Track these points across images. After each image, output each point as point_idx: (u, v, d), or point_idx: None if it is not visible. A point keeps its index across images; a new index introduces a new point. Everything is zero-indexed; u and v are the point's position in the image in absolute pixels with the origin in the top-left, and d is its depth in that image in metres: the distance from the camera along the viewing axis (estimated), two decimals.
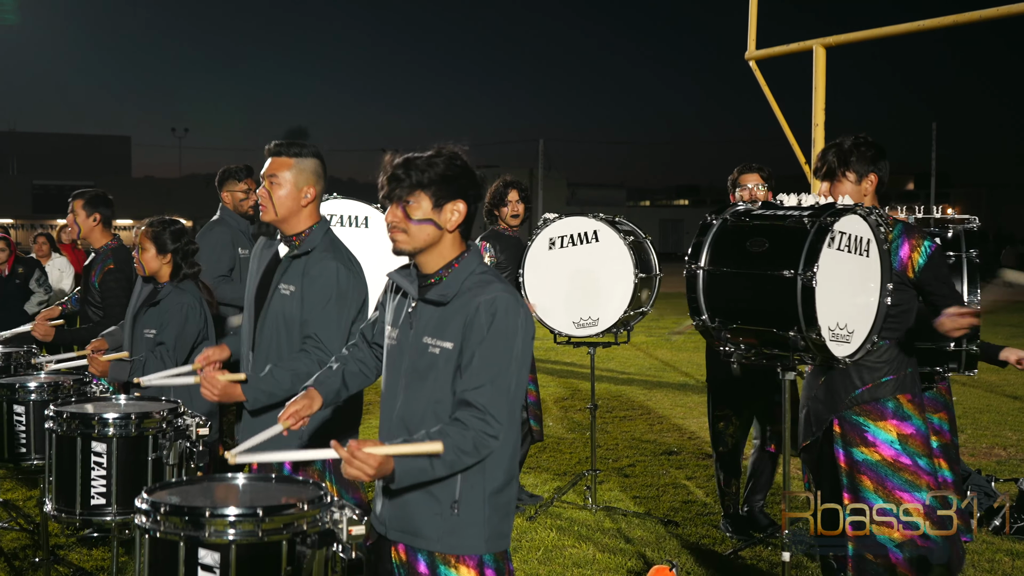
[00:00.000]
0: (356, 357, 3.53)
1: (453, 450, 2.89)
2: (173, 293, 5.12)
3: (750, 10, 9.22)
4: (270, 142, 4.15)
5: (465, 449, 2.91)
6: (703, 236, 4.26)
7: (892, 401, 4.30)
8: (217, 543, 2.68)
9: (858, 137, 4.44)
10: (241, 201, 6.65)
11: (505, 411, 2.97)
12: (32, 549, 5.93)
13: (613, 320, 6.58)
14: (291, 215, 4.07)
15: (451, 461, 2.91)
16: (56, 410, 4.13)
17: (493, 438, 2.95)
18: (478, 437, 2.92)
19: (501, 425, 2.96)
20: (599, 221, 6.66)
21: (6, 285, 10.69)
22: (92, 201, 6.36)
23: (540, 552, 5.99)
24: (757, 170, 6.22)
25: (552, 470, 8.10)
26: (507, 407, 2.99)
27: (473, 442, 2.91)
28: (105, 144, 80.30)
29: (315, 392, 3.41)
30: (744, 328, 4.16)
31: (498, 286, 3.08)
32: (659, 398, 11.83)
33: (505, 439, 3.01)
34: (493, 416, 2.94)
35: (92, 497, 4.02)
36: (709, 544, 6.18)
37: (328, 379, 3.47)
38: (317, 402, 3.40)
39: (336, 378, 3.47)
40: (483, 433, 2.93)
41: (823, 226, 3.90)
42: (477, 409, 2.94)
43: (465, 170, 3.12)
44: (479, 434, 2.92)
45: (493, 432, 2.95)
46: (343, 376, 3.48)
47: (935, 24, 8.15)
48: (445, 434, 2.89)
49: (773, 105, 9.26)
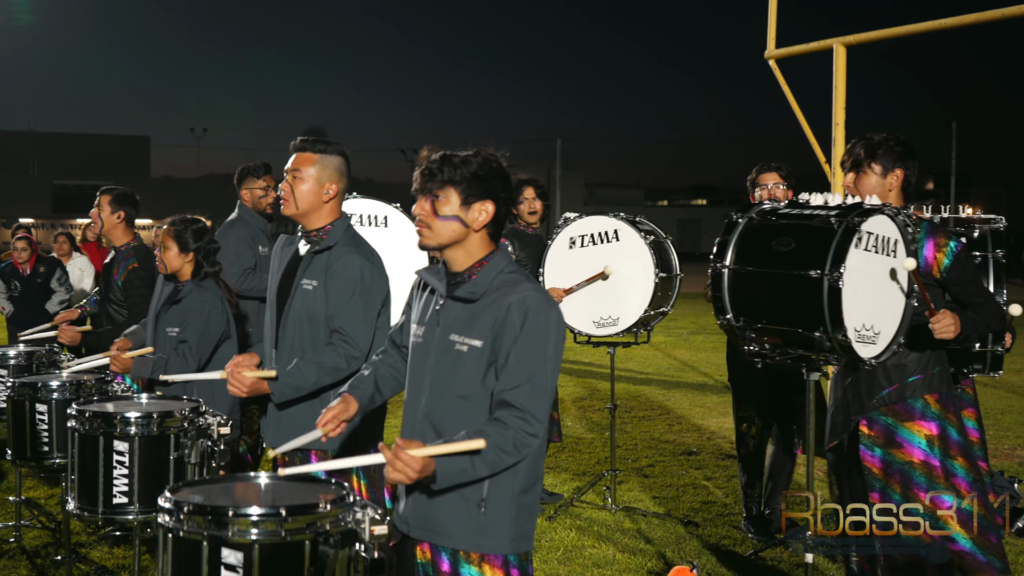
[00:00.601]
0: (387, 363, 3.51)
1: (494, 450, 2.88)
2: (195, 291, 5.13)
3: (770, 9, 9.17)
4: (295, 138, 4.16)
5: (506, 448, 2.91)
6: (728, 235, 4.23)
7: (920, 401, 4.27)
8: (240, 542, 2.67)
9: (889, 134, 4.42)
10: (260, 198, 6.66)
11: (543, 409, 2.99)
12: (54, 547, 5.95)
13: (633, 320, 6.56)
14: (312, 210, 4.07)
15: (492, 461, 2.91)
16: (79, 409, 4.14)
17: (533, 437, 2.95)
18: (518, 436, 2.92)
19: (541, 423, 2.97)
20: (619, 220, 6.63)
21: (28, 284, 10.75)
22: (119, 199, 6.38)
23: (560, 552, 5.97)
24: (776, 169, 6.19)
25: (571, 470, 8.08)
26: (544, 405, 3.00)
27: (513, 441, 2.92)
28: (124, 144, 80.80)
29: (350, 397, 3.39)
30: (769, 328, 4.13)
31: (528, 285, 3.07)
32: (678, 398, 11.79)
33: (542, 438, 3.02)
34: (532, 415, 2.95)
35: (114, 496, 4.03)
36: (729, 545, 6.14)
37: (361, 384, 3.45)
38: (353, 407, 3.38)
39: (369, 383, 3.45)
40: (523, 432, 2.93)
41: (851, 226, 3.86)
42: (516, 408, 2.94)
43: (499, 172, 3.12)
44: (519, 433, 2.92)
45: (533, 431, 2.95)
46: (376, 381, 3.46)
47: (956, 23, 8.07)
48: (485, 434, 2.89)
49: (793, 104, 9.20)
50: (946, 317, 4.02)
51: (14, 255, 10.90)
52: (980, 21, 7.87)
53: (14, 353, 6.32)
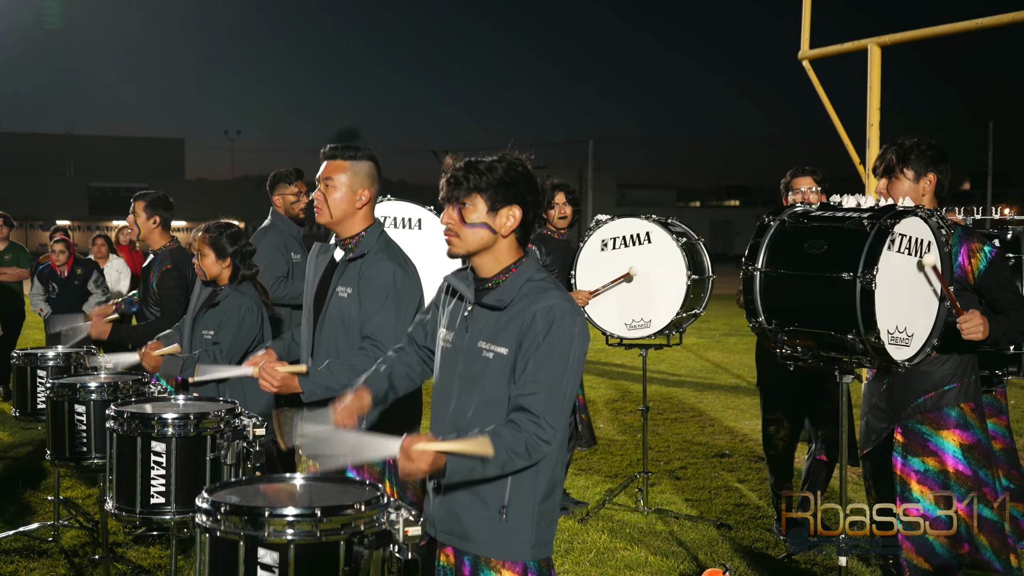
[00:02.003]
0: (403, 360, 3.54)
1: (505, 451, 2.90)
2: (232, 295, 5.19)
3: (803, 10, 9.13)
4: (325, 145, 4.19)
5: (517, 451, 2.92)
6: (760, 237, 4.22)
7: (955, 410, 4.25)
8: (276, 543, 2.70)
9: (920, 138, 4.40)
10: (292, 204, 6.70)
11: (559, 417, 2.99)
12: (91, 546, 6.03)
13: (666, 322, 6.56)
14: (346, 217, 4.12)
15: (502, 461, 2.92)
16: (117, 410, 4.19)
17: (546, 443, 2.97)
18: (531, 440, 2.94)
19: (555, 431, 2.98)
20: (651, 223, 6.64)
21: (65, 286, 10.88)
22: (153, 203, 6.46)
23: (592, 554, 5.98)
24: (810, 173, 6.16)
25: (603, 472, 8.08)
26: (561, 413, 3.00)
27: (526, 444, 2.93)
28: (159, 146, 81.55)
29: (365, 390, 3.43)
30: (801, 331, 4.12)
31: (555, 293, 3.08)
32: (710, 400, 11.76)
33: (556, 445, 3.03)
34: (548, 422, 2.96)
35: (152, 496, 4.07)
36: (762, 548, 6.13)
37: (376, 379, 3.48)
38: (367, 400, 3.41)
39: (383, 380, 3.48)
40: (536, 437, 2.94)
41: (883, 228, 3.84)
42: (532, 414, 2.95)
43: (525, 176, 3.13)
44: (532, 437, 2.94)
45: (546, 437, 2.96)
46: (390, 378, 3.49)
47: (992, 23, 8.01)
48: (498, 434, 2.91)
49: (827, 105, 9.16)
50: (974, 317, 4.00)
51: (52, 257, 11.04)
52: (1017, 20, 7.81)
53: (52, 354, 6.40)
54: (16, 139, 75.78)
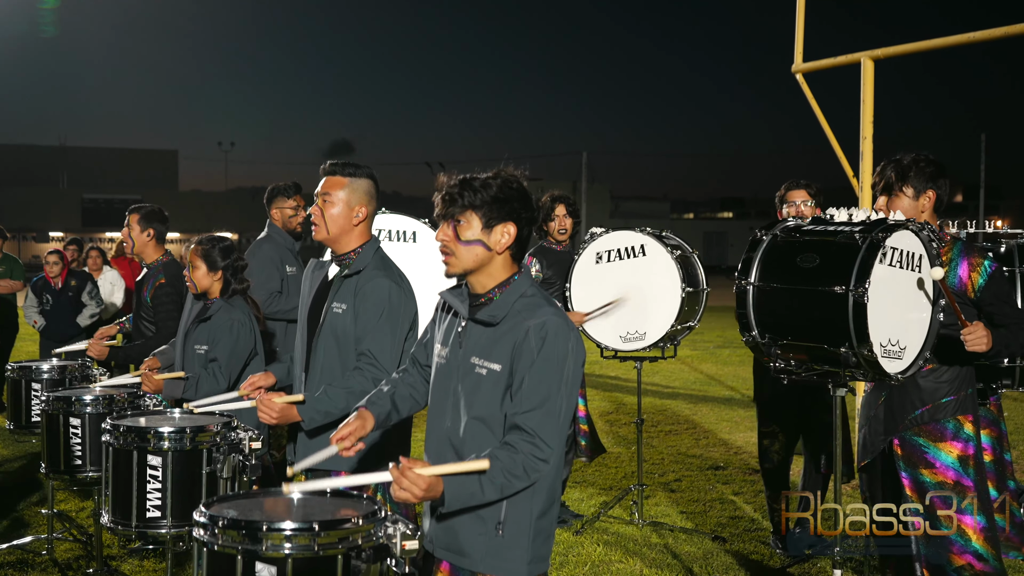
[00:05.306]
0: (407, 381, 3.54)
1: (503, 473, 2.90)
2: (223, 309, 5.20)
3: (797, 23, 9.16)
4: (321, 159, 4.21)
5: (515, 473, 2.92)
6: (753, 252, 4.25)
7: (952, 422, 4.27)
8: (274, 557, 2.71)
9: (918, 154, 4.41)
10: (290, 218, 6.72)
11: (555, 435, 2.98)
12: (85, 560, 6.02)
13: (660, 334, 6.57)
14: (343, 234, 4.13)
15: (501, 484, 2.92)
16: (112, 424, 4.20)
17: (543, 462, 2.96)
18: (528, 461, 2.93)
19: (551, 449, 2.97)
20: (646, 235, 6.66)
21: (59, 298, 10.87)
22: (147, 216, 6.47)
23: (587, 567, 5.99)
24: (804, 186, 6.19)
25: (598, 484, 8.09)
26: (557, 431, 2.99)
27: (523, 466, 2.93)
28: (153, 158, 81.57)
29: (367, 413, 3.40)
30: (794, 344, 4.15)
31: (548, 309, 3.08)
32: (705, 412, 11.78)
33: (554, 463, 3.03)
34: (543, 440, 2.95)
35: (148, 510, 4.08)
36: (758, 560, 6.14)
37: (379, 400, 3.46)
38: (369, 423, 3.39)
39: (386, 401, 3.47)
40: (533, 457, 2.94)
41: (875, 242, 3.87)
42: (527, 433, 2.95)
43: (519, 193, 3.13)
44: (529, 457, 2.93)
45: (543, 456, 2.96)
46: (393, 399, 3.48)
47: (985, 36, 8.04)
48: (495, 457, 2.91)
49: (820, 118, 9.18)
50: (979, 329, 4.02)
51: (46, 269, 11.03)
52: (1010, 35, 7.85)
53: (47, 367, 6.40)
54: (9, 151, 75.73)
